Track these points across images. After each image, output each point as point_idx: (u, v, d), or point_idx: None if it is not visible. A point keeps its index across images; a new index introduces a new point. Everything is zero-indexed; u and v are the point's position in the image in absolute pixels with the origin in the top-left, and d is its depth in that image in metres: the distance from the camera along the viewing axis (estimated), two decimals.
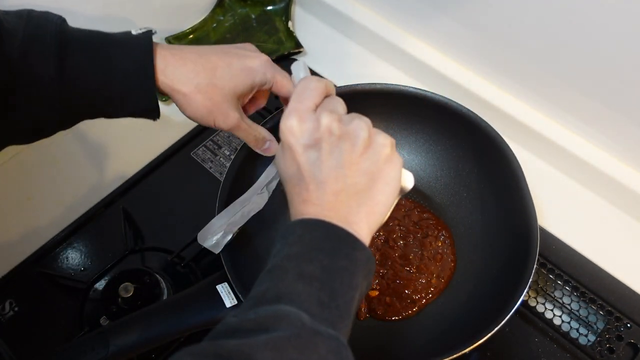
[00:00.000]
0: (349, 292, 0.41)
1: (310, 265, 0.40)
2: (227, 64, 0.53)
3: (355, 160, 0.44)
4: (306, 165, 0.44)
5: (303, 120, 0.45)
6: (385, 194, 0.45)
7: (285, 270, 0.40)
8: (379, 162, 0.45)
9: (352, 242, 0.42)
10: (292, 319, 0.37)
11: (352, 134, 0.44)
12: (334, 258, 0.41)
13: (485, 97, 0.76)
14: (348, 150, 0.44)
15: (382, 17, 0.85)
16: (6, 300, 0.68)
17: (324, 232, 0.42)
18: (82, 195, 0.76)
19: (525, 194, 0.60)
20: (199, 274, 0.69)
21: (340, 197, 0.44)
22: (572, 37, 0.64)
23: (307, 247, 0.41)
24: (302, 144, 0.44)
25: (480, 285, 0.63)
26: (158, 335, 0.54)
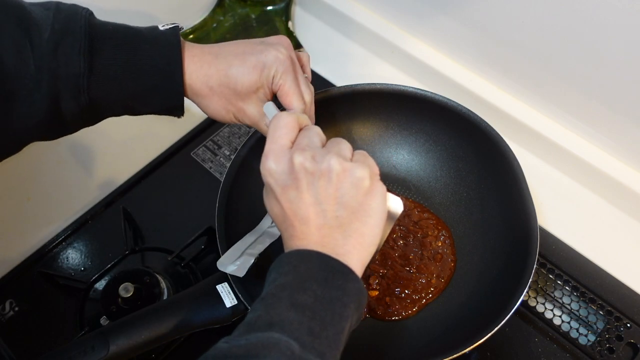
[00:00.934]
0: (340, 323, 0.41)
1: (303, 295, 0.41)
2: (241, 61, 0.53)
3: (333, 194, 0.44)
4: (287, 204, 0.45)
5: (279, 161, 0.45)
6: (369, 225, 0.45)
7: (279, 299, 0.41)
8: (358, 196, 0.45)
9: (345, 274, 0.43)
10: (282, 347, 0.38)
11: (325, 170, 0.44)
12: (326, 288, 0.42)
13: (485, 97, 0.76)
14: (324, 186, 0.44)
15: (382, 17, 0.85)
16: (6, 300, 0.68)
17: (318, 262, 0.43)
18: (82, 195, 0.76)
19: (525, 194, 0.60)
20: (199, 274, 0.69)
21: (324, 231, 0.44)
22: (572, 37, 0.64)
23: (301, 277, 0.42)
24: (281, 185, 0.45)
25: (480, 285, 0.63)
26: (158, 335, 0.54)
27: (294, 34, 0.89)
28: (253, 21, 0.92)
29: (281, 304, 0.41)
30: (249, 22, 0.92)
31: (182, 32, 0.90)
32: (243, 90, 0.53)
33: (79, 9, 0.49)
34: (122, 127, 0.82)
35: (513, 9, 0.67)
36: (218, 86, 0.53)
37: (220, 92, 0.53)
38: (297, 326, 0.40)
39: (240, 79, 0.53)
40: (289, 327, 0.40)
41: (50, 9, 0.48)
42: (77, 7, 0.50)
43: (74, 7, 0.49)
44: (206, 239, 0.70)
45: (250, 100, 0.54)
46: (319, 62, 0.86)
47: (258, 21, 0.92)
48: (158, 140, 0.80)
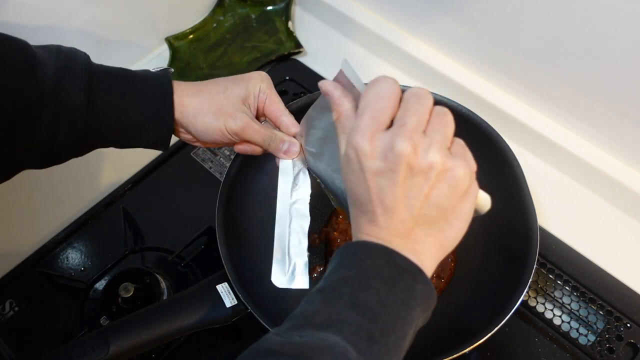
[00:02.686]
0: (403, 328, 0.39)
1: (365, 294, 0.38)
2: (229, 79, 0.57)
3: (427, 192, 0.40)
4: (375, 190, 0.41)
5: (375, 142, 0.40)
6: (456, 228, 0.42)
7: (339, 295, 0.39)
8: (453, 197, 0.41)
9: (414, 274, 0.40)
10: (337, 353, 0.35)
11: (426, 167, 0.40)
12: (392, 289, 0.39)
13: (485, 97, 0.76)
14: (420, 183, 0.40)
15: (382, 17, 0.85)
16: (6, 300, 0.68)
17: (385, 259, 0.40)
18: (82, 195, 0.76)
19: (525, 194, 0.60)
20: (199, 274, 0.69)
21: (408, 225, 0.41)
22: (572, 37, 0.64)
23: (366, 273, 0.40)
24: (373, 170, 0.41)
25: (480, 285, 0.63)
26: (158, 335, 0.54)
27: (294, 34, 0.89)
28: (253, 21, 0.92)
29: (341, 301, 0.38)
30: (249, 22, 0.92)
31: (182, 32, 0.91)
32: (232, 98, 0.55)
33: (78, 52, 0.53)
34: None
35: (513, 9, 0.67)
36: (208, 96, 0.55)
37: (211, 100, 0.55)
38: (355, 329, 0.37)
39: (230, 90, 0.55)
40: (347, 329, 0.37)
41: (52, 50, 0.52)
42: (76, 50, 0.54)
43: (73, 49, 0.53)
44: (206, 239, 0.70)
45: (238, 107, 0.55)
46: (319, 62, 0.87)
47: (258, 21, 0.92)
48: None
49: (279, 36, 0.90)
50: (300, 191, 0.57)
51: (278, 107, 0.57)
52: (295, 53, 0.87)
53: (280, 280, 0.53)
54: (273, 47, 0.88)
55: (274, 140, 0.56)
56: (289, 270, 0.54)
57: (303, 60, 0.87)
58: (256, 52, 0.88)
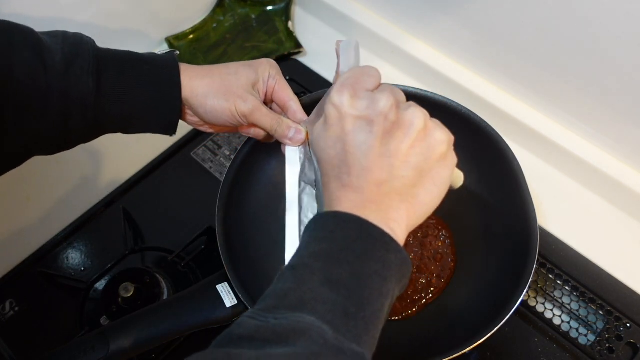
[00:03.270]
0: (378, 300, 0.38)
1: (338, 269, 0.38)
2: (238, 64, 0.57)
3: (406, 151, 0.40)
4: (352, 147, 0.40)
5: (357, 97, 0.41)
6: (431, 194, 0.42)
7: (312, 272, 0.38)
8: (431, 160, 0.41)
9: (387, 243, 0.39)
10: (314, 334, 0.35)
11: (408, 122, 0.40)
12: (365, 261, 0.38)
13: (485, 97, 0.76)
14: (400, 139, 0.40)
15: (382, 17, 0.85)
16: (6, 300, 0.68)
17: (357, 230, 0.39)
18: (82, 195, 0.76)
19: (525, 194, 0.60)
20: (199, 274, 0.69)
21: (383, 189, 0.40)
22: (572, 37, 0.64)
23: (337, 245, 0.39)
24: (352, 123, 0.40)
25: (480, 285, 0.63)
26: (158, 335, 0.54)
27: (294, 34, 0.89)
28: (253, 21, 0.92)
29: (314, 277, 0.37)
30: (249, 22, 0.92)
31: (182, 32, 0.91)
32: (243, 81, 0.55)
33: (84, 37, 0.53)
34: None
35: (513, 9, 0.67)
36: (219, 77, 0.55)
37: (221, 82, 0.55)
38: (330, 307, 0.36)
39: (240, 73, 0.55)
40: (322, 307, 0.36)
41: (58, 37, 0.52)
42: (82, 35, 0.54)
43: (79, 35, 0.53)
44: (206, 239, 0.70)
45: (248, 90, 0.55)
46: (319, 62, 0.87)
47: (258, 21, 0.92)
48: (158, 140, 0.80)
49: (279, 36, 0.90)
50: (306, 178, 0.58)
51: (286, 93, 0.57)
52: (295, 53, 0.87)
53: None
54: (273, 47, 0.88)
55: (280, 125, 0.56)
56: None
57: (303, 60, 0.87)
58: (256, 52, 0.88)
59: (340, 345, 0.35)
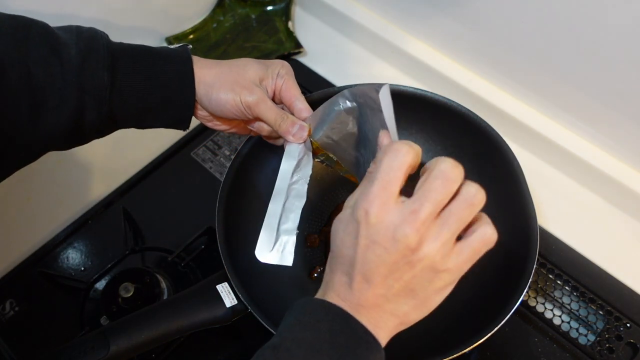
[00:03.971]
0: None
1: (318, 357, 0.39)
2: (249, 60, 0.58)
3: (408, 278, 0.41)
4: (361, 259, 0.41)
5: (385, 212, 0.39)
6: (420, 314, 0.43)
7: (291, 357, 0.39)
8: (430, 290, 0.42)
9: (369, 343, 0.41)
10: None
11: (420, 257, 0.40)
12: (344, 356, 0.40)
13: (485, 97, 0.76)
14: (404, 269, 0.40)
15: (382, 17, 0.85)
16: (6, 300, 0.68)
17: (342, 325, 0.41)
18: (82, 195, 0.76)
19: (525, 194, 0.60)
20: (199, 274, 0.69)
21: (378, 301, 0.42)
22: (572, 37, 0.64)
23: (321, 337, 0.40)
24: (368, 241, 0.40)
25: (480, 285, 0.63)
26: (158, 335, 0.54)
27: (294, 34, 0.89)
28: (253, 21, 0.92)
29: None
30: (249, 22, 0.92)
31: (182, 32, 0.91)
32: (250, 75, 0.56)
33: (98, 31, 0.54)
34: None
35: (513, 9, 0.67)
36: (228, 68, 0.56)
37: (230, 72, 0.56)
38: None
39: (249, 67, 0.56)
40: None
41: (72, 31, 0.52)
42: (96, 30, 0.54)
43: (93, 30, 0.54)
44: (206, 239, 0.70)
45: (255, 83, 0.56)
46: (319, 62, 0.87)
47: (258, 21, 0.92)
48: (158, 140, 0.80)
49: (279, 36, 0.90)
50: (301, 173, 0.58)
51: (293, 92, 0.58)
52: (295, 53, 0.87)
53: (264, 255, 0.54)
54: (273, 47, 0.88)
55: (285, 120, 0.57)
56: (275, 246, 0.54)
57: (303, 60, 0.87)
58: (256, 52, 0.88)
59: None
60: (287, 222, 0.56)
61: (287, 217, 0.56)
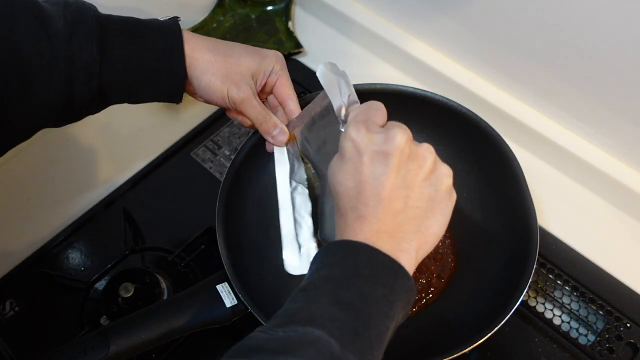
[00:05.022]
0: (384, 322, 0.39)
1: (347, 291, 0.39)
2: (244, 48, 0.57)
3: (420, 183, 0.43)
4: (370, 179, 0.42)
5: (372, 132, 0.43)
6: (440, 225, 0.44)
7: (322, 292, 0.39)
8: (440, 192, 0.43)
9: (395, 270, 0.41)
10: (320, 346, 0.36)
11: (421, 156, 0.43)
12: (373, 285, 0.40)
13: (485, 97, 0.76)
14: (414, 171, 0.42)
15: (382, 17, 0.85)
16: (6, 300, 0.68)
17: (367, 257, 0.41)
18: (82, 195, 0.76)
19: (525, 194, 0.60)
20: (199, 274, 0.69)
21: (398, 219, 0.42)
22: (572, 37, 0.64)
23: (347, 271, 0.40)
24: (370, 157, 0.42)
25: (480, 285, 0.63)
26: (158, 335, 0.54)
27: (294, 34, 0.89)
28: (253, 21, 0.92)
29: (323, 298, 0.39)
30: (249, 22, 0.92)
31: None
32: (242, 68, 0.56)
33: (85, 3, 0.53)
34: (122, 128, 0.82)
35: (513, 9, 0.67)
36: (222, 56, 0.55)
37: (223, 62, 0.55)
38: (338, 324, 0.38)
39: (242, 59, 0.56)
40: (330, 324, 0.37)
41: (59, 4, 0.51)
42: (84, 1, 0.53)
43: (80, 1, 0.53)
44: (206, 239, 0.70)
45: (245, 79, 0.56)
46: (319, 62, 0.86)
47: (258, 21, 0.92)
48: (158, 140, 0.80)
49: (279, 36, 0.89)
50: (297, 177, 0.58)
51: (287, 91, 0.59)
52: (295, 53, 0.87)
53: (294, 266, 0.53)
54: (273, 47, 0.88)
55: (267, 121, 0.57)
56: (301, 257, 0.54)
57: (303, 60, 0.87)
58: None
59: (346, 358, 0.36)
60: (302, 231, 0.55)
61: (301, 226, 0.56)
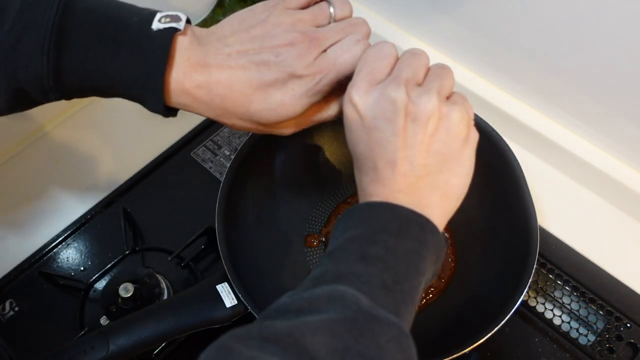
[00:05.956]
0: (415, 277, 0.38)
1: (374, 247, 0.37)
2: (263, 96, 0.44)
3: (426, 140, 0.40)
4: (375, 143, 0.41)
5: (369, 94, 0.41)
6: (459, 175, 0.42)
7: (347, 252, 0.38)
8: (452, 143, 0.41)
9: (421, 224, 0.39)
10: (348, 300, 0.34)
11: (422, 112, 0.40)
12: (400, 239, 0.38)
13: (485, 97, 0.76)
14: (417, 130, 0.40)
15: (382, 17, 0.85)
16: (6, 300, 0.68)
17: (390, 213, 0.39)
18: (82, 195, 0.76)
19: (525, 194, 0.60)
20: (199, 274, 0.69)
21: (410, 179, 0.40)
22: (572, 37, 0.64)
23: (372, 228, 0.39)
24: (370, 121, 0.40)
25: (480, 285, 0.63)
26: (158, 335, 0.54)
27: None
28: None
29: (350, 256, 0.37)
30: None
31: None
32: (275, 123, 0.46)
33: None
34: (122, 128, 0.82)
35: (513, 9, 0.67)
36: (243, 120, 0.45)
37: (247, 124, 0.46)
38: (367, 278, 0.36)
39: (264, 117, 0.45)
40: (358, 279, 0.36)
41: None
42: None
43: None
44: (206, 239, 0.70)
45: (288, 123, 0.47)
46: None
47: None
48: (158, 140, 0.80)
49: None
50: None
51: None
52: None
53: None
54: None
55: None
56: None
57: None
58: None
59: (375, 312, 0.34)
60: None
61: None
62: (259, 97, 0.44)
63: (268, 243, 0.66)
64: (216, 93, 0.43)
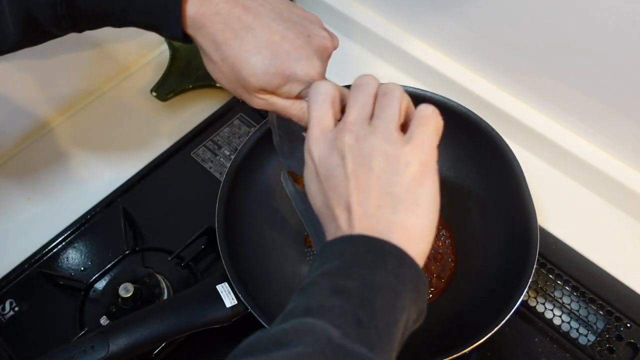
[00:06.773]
0: (392, 314, 0.36)
1: (348, 280, 0.36)
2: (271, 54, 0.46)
3: (374, 182, 0.39)
4: (329, 191, 0.40)
5: (319, 145, 0.41)
6: (417, 215, 0.39)
7: (320, 286, 0.36)
8: (404, 183, 0.39)
9: (399, 257, 0.37)
10: (318, 333, 0.32)
11: (366, 154, 0.39)
12: (377, 272, 0.36)
13: (485, 97, 0.76)
14: (366, 173, 0.39)
15: (382, 17, 0.85)
16: (6, 300, 0.68)
17: (367, 245, 0.38)
18: (82, 195, 0.76)
19: (525, 194, 0.60)
20: (199, 274, 0.69)
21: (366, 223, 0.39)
22: (572, 37, 0.64)
23: (347, 262, 0.37)
24: (323, 172, 0.41)
25: (480, 285, 0.63)
26: (158, 335, 0.54)
27: None
28: None
29: (322, 290, 0.36)
30: None
31: None
32: (250, 86, 0.47)
33: None
34: (122, 128, 0.82)
35: (513, 9, 0.67)
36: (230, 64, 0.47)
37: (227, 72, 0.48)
38: (340, 313, 0.34)
39: (254, 76, 0.47)
40: (330, 313, 0.34)
41: None
42: None
43: None
44: (206, 239, 0.70)
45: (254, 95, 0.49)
46: None
47: None
48: (158, 140, 0.80)
49: None
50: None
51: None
52: None
53: None
54: None
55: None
56: None
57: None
58: None
59: (346, 345, 0.32)
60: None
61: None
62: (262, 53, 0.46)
63: (268, 243, 0.66)
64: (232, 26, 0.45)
